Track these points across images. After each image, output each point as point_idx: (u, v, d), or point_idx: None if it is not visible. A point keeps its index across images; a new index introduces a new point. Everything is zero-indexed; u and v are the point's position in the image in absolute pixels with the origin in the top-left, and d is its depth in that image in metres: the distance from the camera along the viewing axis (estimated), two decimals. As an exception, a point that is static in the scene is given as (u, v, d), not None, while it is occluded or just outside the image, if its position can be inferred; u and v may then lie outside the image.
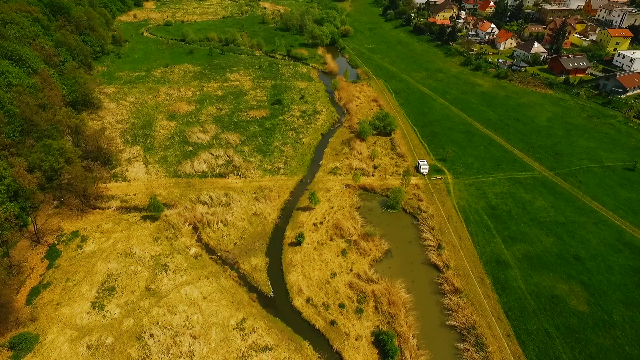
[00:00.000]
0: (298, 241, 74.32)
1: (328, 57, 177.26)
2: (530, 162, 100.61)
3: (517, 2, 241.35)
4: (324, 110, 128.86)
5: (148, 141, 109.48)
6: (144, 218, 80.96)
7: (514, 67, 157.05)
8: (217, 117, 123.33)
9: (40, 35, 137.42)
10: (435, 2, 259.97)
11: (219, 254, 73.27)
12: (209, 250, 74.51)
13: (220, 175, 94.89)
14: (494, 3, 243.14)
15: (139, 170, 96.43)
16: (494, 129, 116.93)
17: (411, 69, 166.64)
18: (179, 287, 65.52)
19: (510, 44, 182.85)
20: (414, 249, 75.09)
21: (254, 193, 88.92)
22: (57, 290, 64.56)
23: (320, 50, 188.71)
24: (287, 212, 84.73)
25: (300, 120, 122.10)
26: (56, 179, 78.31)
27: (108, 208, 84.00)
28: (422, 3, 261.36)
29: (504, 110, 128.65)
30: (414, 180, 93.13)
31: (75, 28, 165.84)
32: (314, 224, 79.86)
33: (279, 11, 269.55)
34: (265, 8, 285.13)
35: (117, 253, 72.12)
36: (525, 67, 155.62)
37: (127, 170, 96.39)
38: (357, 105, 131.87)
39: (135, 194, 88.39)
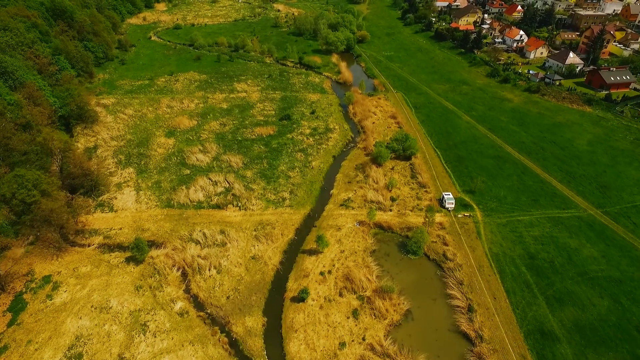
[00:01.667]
0: (302, 297, 63.10)
1: (342, 66, 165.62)
2: (572, 196, 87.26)
3: (547, 6, 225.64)
4: (336, 127, 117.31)
5: (142, 162, 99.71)
6: (128, 260, 70.78)
7: (547, 80, 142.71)
8: (220, 134, 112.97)
9: (37, 42, 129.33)
10: (457, 5, 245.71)
11: (208, 310, 62.53)
12: (198, 304, 63.82)
13: (218, 207, 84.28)
14: (521, 7, 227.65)
15: (129, 199, 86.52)
16: (527, 154, 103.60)
17: (432, 80, 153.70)
18: (157, 356, 54.93)
19: (542, 53, 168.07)
20: (439, 309, 63.05)
21: (254, 230, 78.01)
22: (15, 357, 54.68)
23: (334, 58, 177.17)
24: (291, 255, 73.57)
25: (310, 139, 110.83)
26: (29, 214, 68.79)
27: (89, 245, 74.14)
28: (444, 7, 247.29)
29: (537, 131, 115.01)
30: (438, 217, 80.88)
31: (78, 33, 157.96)
32: (321, 273, 68.50)
33: (293, 14, 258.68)
34: (278, 11, 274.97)
35: (92, 306, 62.02)
36: (559, 80, 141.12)
37: (116, 198, 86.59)
38: (373, 123, 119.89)
39: (120, 229, 78.42)
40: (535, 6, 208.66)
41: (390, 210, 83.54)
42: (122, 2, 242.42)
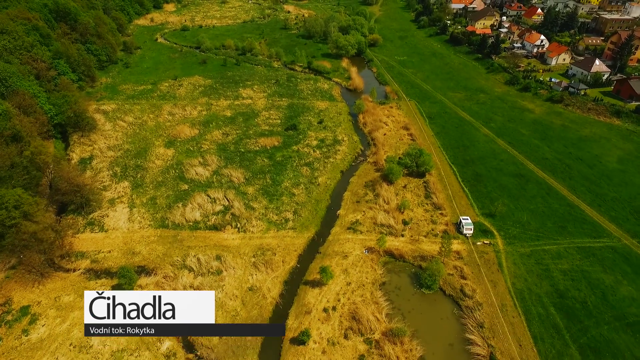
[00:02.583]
0: (302, 339, 56.52)
1: (353, 71, 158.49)
2: (604, 223, 79.11)
3: (568, 8, 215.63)
4: (345, 139, 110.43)
5: (139, 175, 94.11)
6: (114, 288, 64.96)
7: (570, 89, 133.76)
8: (222, 145, 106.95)
9: (36, 46, 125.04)
10: (474, 8, 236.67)
11: (198, 352, 56.28)
12: (187, 344, 57.63)
13: (215, 228, 78.08)
14: (541, 10, 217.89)
15: (121, 217, 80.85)
16: (552, 172, 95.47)
17: (447, 88, 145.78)
18: (138, 409, 48.92)
19: (564, 59, 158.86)
20: (457, 358, 55.89)
21: (253, 256, 71.62)
22: (-20, 406, 49.24)
23: (344, 62, 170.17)
24: (292, 286, 67.02)
25: (317, 152, 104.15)
26: (9, 237, 63.39)
27: (74, 270, 68.55)
28: (459, 9, 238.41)
29: (562, 146, 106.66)
30: (455, 244, 73.55)
31: (81, 36, 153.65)
32: (325, 310, 61.82)
33: (303, 16, 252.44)
34: (288, 12, 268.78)
35: (70, 344, 56.24)
36: (585, 89, 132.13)
37: (107, 216, 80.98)
38: (384, 134, 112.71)
39: (110, 251, 72.72)
40: (556, 9, 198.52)
41: (402, 235, 76.40)
42: (129, 3, 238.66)
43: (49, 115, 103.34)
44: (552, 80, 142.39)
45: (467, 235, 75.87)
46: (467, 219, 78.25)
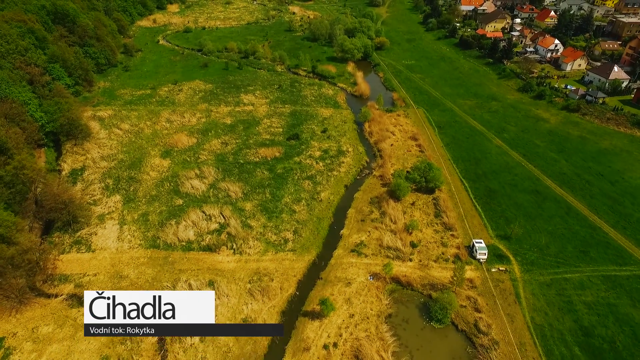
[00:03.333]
0: (299, 383, 51.25)
1: (359, 76, 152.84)
2: (630, 248, 72.89)
3: (583, 11, 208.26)
4: (350, 150, 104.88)
5: (132, 188, 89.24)
6: (97, 318, 59.90)
7: (588, 97, 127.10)
8: (220, 155, 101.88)
9: (31, 50, 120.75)
10: (484, 10, 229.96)
11: (185, 395, 51.23)
12: (174, 384, 52.62)
13: (209, 249, 72.90)
14: (554, 12, 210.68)
15: (110, 235, 75.96)
16: (570, 189, 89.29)
17: (457, 95, 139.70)
18: None
19: (580, 65, 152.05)
20: (472, 407, 50.28)
21: (249, 282, 66.37)
22: None
23: (350, 67, 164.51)
24: (290, 316, 61.66)
25: (320, 163, 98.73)
26: (-16, 261, 58.70)
27: (56, 296, 63.62)
28: (469, 11, 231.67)
29: (580, 159, 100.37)
30: (467, 270, 67.67)
31: (79, 38, 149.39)
32: (325, 346, 56.34)
33: (308, 17, 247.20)
34: (294, 13, 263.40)
35: (46, 384, 51.44)
36: (603, 97, 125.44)
37: (96, 234, 76.09)
38: (391, 145, 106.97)
39: (96, 274, 67.77)
40: (571, 12, 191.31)
41: (410, 260, 70.74)
42: (132, 4, 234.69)
43: (40, 124, 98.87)
44: (568, 87, 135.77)
45: (481, 260, 70.04)
46: (481, 242, 72.38)
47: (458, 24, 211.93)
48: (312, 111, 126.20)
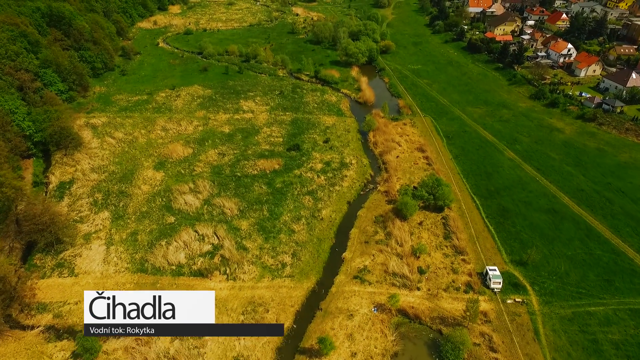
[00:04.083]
0: None
1: (363, 82, 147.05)
2: (658, 276, 66.94)
3: (595, 14, 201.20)
4: (353, 162, 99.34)
5: (122, 204, 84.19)
6: (75, 356, 54.81)
7: (605, 105, 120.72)
8: (217, 167, 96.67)
9: (22, 54, 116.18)
10: (493, 12, 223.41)
11: None
12: None
13: (201, 274, 67.66)
14: (566, 15, 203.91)
15: (95, 257, 70.84)
16: (590, 208, 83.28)
17: (466, 102, 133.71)
18: None
19: (594, 71, 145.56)
20: None
21: (242, 313, 61.04)
22: None
23: (354, 71, 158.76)
24: (287, 354, 56.22)
25: (322, 177, 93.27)
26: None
27: (32, 328, 58.58)
28: (477, 13, 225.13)
29: (599, 174, 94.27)
30: (481, 301, 61.93)
31: (74, 42, 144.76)
32: (324, 392, 51.00)
33: (312, 19, 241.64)
34: (297, 15, 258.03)
35: None
36: (621, 106, 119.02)
37: (80, 256, 71.00)
38: (397, 157, 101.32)
39: (77, 302, 62.60)
40: (584, 15, 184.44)
41: (418, 288, 65.10)
42: (132, 5, 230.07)
43: (27, 133, 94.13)
44: (583, 94, 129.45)
45: (495, 290, 64.30)
46: (495, 270, 66.60)
47: (466, 27, 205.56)
48: (314, 119, 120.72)
